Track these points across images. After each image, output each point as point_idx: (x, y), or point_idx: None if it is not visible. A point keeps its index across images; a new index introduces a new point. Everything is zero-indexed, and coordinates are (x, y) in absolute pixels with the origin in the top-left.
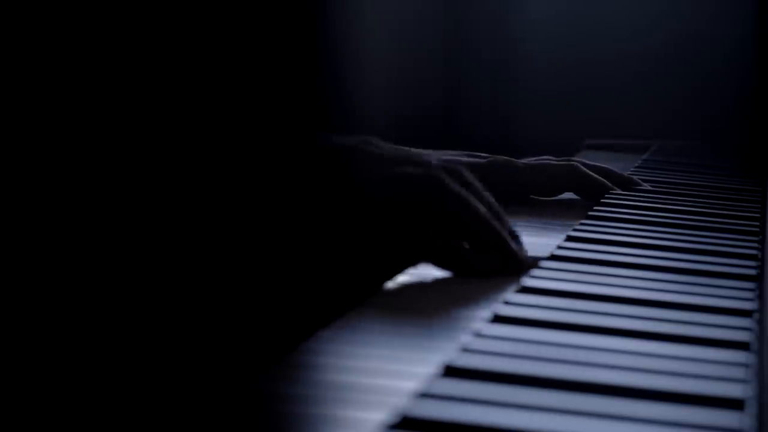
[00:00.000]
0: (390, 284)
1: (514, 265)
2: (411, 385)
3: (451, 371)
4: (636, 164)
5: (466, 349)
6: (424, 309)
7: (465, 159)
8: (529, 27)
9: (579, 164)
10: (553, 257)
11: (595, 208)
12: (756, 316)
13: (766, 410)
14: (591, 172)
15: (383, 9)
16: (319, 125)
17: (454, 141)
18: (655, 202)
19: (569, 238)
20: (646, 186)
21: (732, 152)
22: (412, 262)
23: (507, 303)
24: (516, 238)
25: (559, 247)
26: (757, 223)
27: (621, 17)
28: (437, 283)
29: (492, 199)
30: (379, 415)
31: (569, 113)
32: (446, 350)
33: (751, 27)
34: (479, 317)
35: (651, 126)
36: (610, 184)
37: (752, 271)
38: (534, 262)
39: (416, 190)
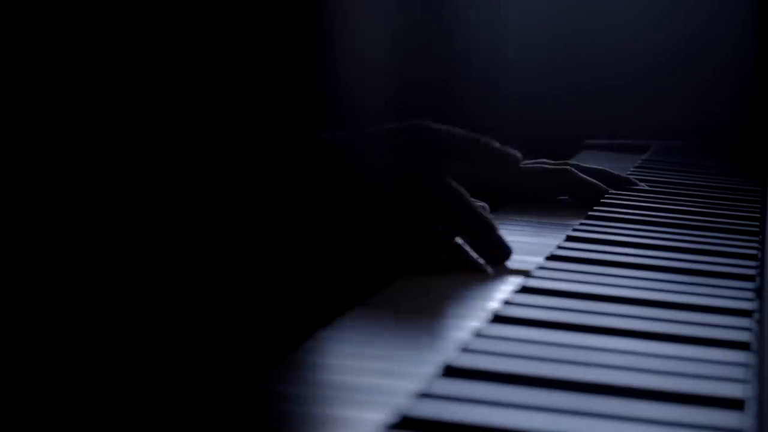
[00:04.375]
0: (390, 284)
1: (471, 268)
2: (411, 385)
3: (451, 371)
4: (636, 164)
5: (466, 349)
6: (424, 309)
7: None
8: (529, 27)
9: (573, 169)
10: (553, 257)
11: (594, 208)
12: (756, 316)
13: (766, 410)
14: (585, 176)
15: (377, 8)
16: (317, 121)
17: None
18: (655, 202)
19: (569, 238)
20: (643, 186)
21: (732, 152)
22: (401, 264)
23: (507, 303)
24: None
25: (559, 247)
26: (757, 223)
27: (621, 17)
28: (437, 283)
29: (461, 195)
30: (379, 415)
31: (569, 113)
32: (446, 350)
33: (751, 27)
34: (479, 317)
35: (651, 126)
36: (604, 187)
37: (752, 271)
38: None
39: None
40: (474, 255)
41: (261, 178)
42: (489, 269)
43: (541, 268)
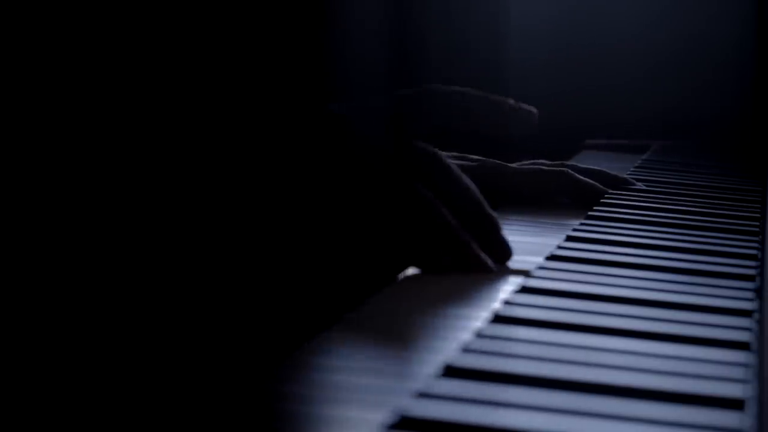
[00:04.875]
0: (390, 284)
1: (477, 267)
2: (411, 385)
3: (451, 371)
4: (636, 164)
5: (466, 349)
6: (424, 309)
7: (454, 161)
8: (529, 26)
9: (570, 170)
10: (553, 257)
11: (594, 208)
12: (756, 316)
13: (766, 410)
14: (582, 178)
15: (375, 9)
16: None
17: (451, 140)
18: (655, 202)
19: (569, 238)
20: (640, 185)
21: (732, 152)
22: (401, 266)
23: (507, 303)
24: (491, 230)
25: (559, 247)
26: (757, 223)
27: (621, 17)
28: (436, 283)
29: (468, 187)
30: (379, 415)
31: (569, 113)
32: (446, 350)
33: (751, 27)
34: (479, 317)
35: (651, 126)
36: (602, 188)
37: (752, 271)
38: (489, 267)
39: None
40: (481, 253)
41: (269, 153)
42: (493, 268)
43: (541, 268)
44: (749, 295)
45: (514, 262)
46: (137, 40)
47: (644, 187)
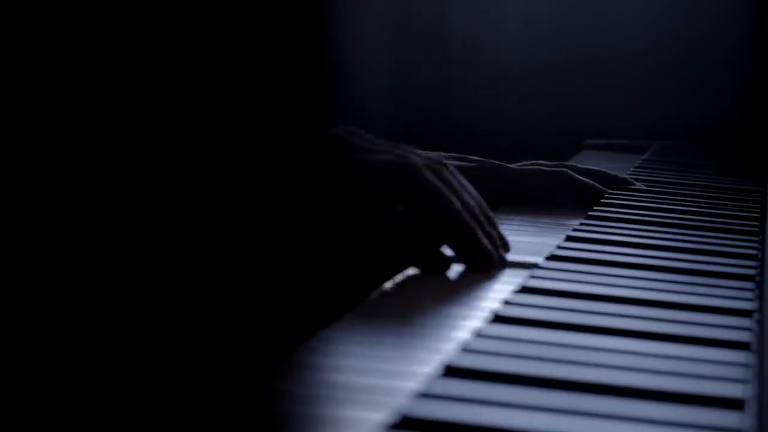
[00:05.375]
0: (389, 284)
1: (486, 264)
2: (411, 385)
3: (451, 371)
4: (635, 164)
5: (466, 349)
6: (424, 309)
7: (453, 162)
8: (530, 27)
9: (569, 170)
10: (553, 257)
11: (594, 208)
12: (756, 316)
13: (766, 410)
14: (581, 178)
15: (377, 8)
16: (316, 118)
17: (451, 141)
18: (655, 202)
19: (569, 238)
20: (640, 185)
21: (732, 152)
22: (401, 266)
23: (507, 303)
24: (499, 239)
25: (559, 247)
26: (757, 223)
27: (621, 17)
28: (437, 283)
29: (477, 196)
30: (379, 415)
31: (569, 113)
32: (446, 350)
33: (751, 27)
34: (479, 317)
35: (651, 126)
36: (601, 188)
37: (752, 271)
38: (505, 262)
39: (390, 177)
40: (490, 246)
41: (263, 171)
42: (495, 257)
43: (541, 268)
44: (749, 295)
45: (514, 263)
46: (134, 47)
47: (644, 187)
